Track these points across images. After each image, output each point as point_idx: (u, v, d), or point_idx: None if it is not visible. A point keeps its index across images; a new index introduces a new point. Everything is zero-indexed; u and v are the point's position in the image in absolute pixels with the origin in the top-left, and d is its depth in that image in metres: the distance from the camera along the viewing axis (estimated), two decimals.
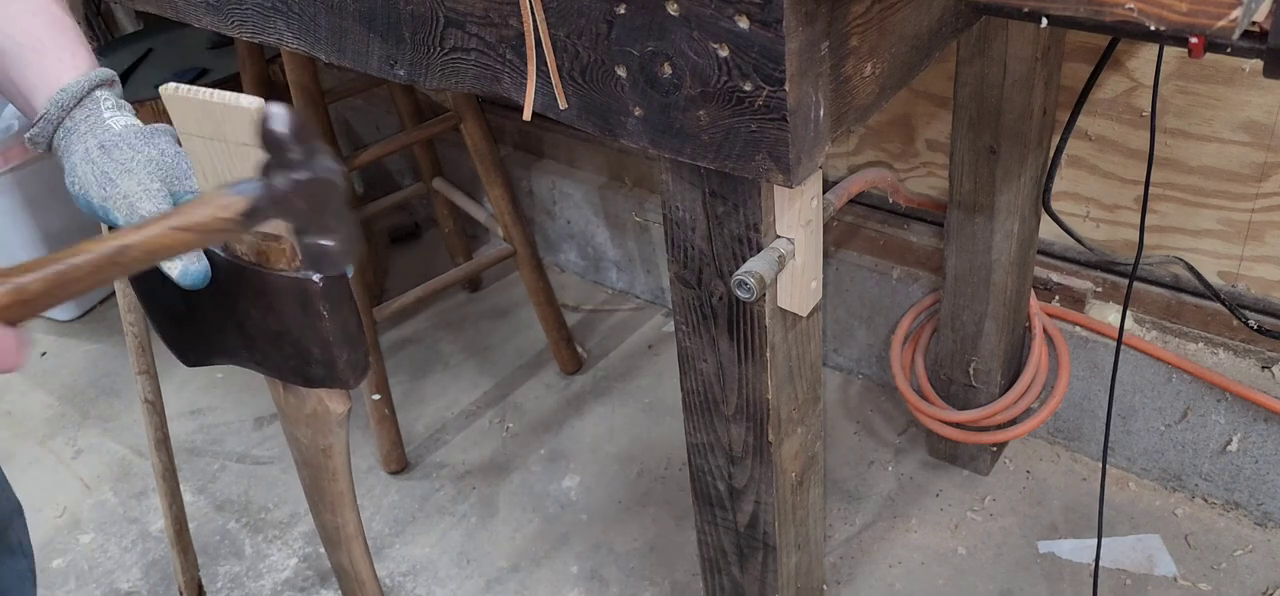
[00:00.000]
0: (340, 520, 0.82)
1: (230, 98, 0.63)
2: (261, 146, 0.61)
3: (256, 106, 0.62)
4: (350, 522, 0.82)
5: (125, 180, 0.72)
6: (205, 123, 0.65)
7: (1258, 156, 1.38)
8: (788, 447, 0.98)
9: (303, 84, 1.57)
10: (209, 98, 0.64)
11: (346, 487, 0.80)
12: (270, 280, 0.70)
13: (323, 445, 0.77)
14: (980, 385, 1.57)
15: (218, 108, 0.64)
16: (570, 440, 1.88)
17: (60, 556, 1.79)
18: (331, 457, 0.78)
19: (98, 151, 0.73)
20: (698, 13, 0.72)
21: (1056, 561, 1.53)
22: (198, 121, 0.65)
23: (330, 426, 0.76)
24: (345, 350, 0.71)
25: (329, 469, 0.79)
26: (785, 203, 0.83)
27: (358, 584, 0.87)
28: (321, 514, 0.82)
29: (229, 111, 0.63)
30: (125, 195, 0.72)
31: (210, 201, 0.61)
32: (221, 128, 0.65)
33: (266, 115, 0.60)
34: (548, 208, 2.28)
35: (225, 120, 0.64)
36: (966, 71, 1.33)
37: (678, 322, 0.95)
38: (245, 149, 0.64)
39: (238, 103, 0.63)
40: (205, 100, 0.64)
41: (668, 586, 1.58)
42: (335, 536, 0.83)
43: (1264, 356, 1.47)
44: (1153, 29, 0.57)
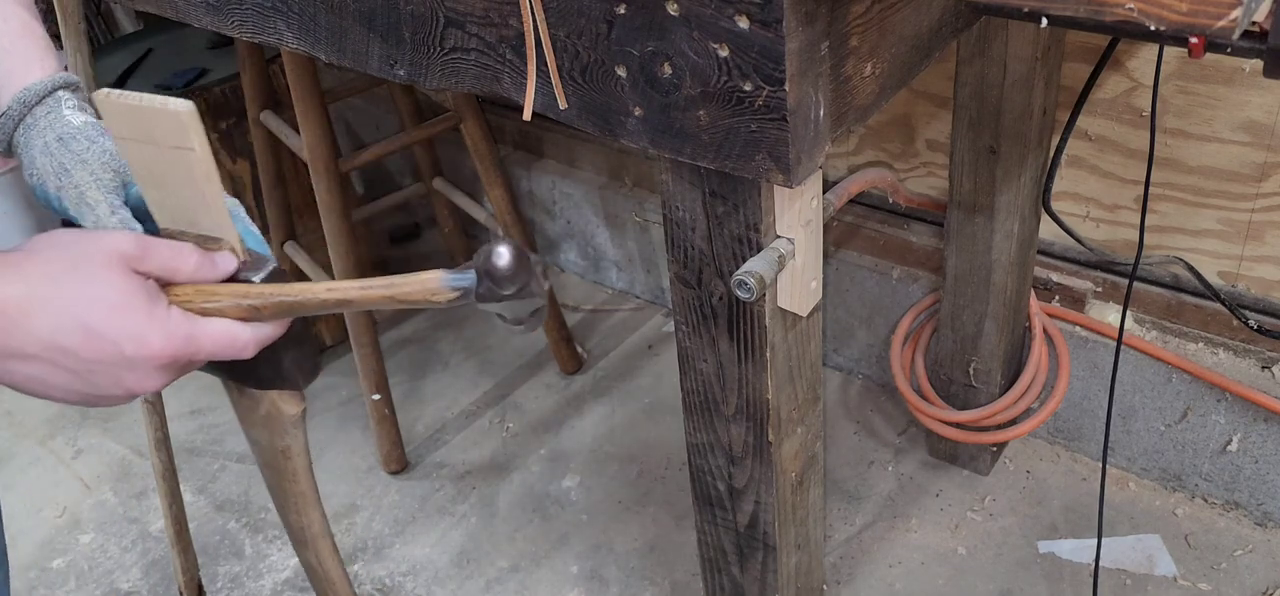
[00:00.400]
0: (305, 520, 0.82)
1: (159, 102, 0.63)
2: (483, 274, 0.65)
3: (186, 109, 0.62)
4: (315, 522, 0.82)
5: (79, 171, 0.74)
6: (136, 127, 0.65)
7: (1258, 156, 1.38)
8: (788, 447, 0.98)
9: (303, 84, 1.57)
10: (138, 102, 0.64)
11: (309, 488, 0.80)
12: None
13: (280, 446, 0.77)
14: (980, 385, 1.57)
15: (147, 112, 0.64)
16: (570, 440, 1.88)
17: (60, 556, 1.79)
18: (290, 459, 0.78)
19: (56, 143, 0.75)
20: (698, 13, 0.72)
21: (1056, 561, 1.53)
22: (130, 126, 0.66)
23: (285, 428, 0.76)
24: (290, 350, 0.71)
25: (289, 470, 0.78)
26: (785, 203, 0.83)
27: (327, 583, 0.86)
28: (287, 514, 0.82)
29: (158, 115, 0.63)
30: (77, 185, 0.74)
31: (425, 282, 0.66)
32: (152, 132, 0.65)
33: (490, 252, 0.65)
34: (548, 208, 2.28)
35: (154, 124, 0.64)
36: (966, 71, 1.33)
37: (678, 322, 0.95)
38: (177, 152, 0.64)
39: (166, 107, 0.63)
40: (134, 105, 0.64)
41: (668, 586, 1.58)
42: (301, 536, 0.83)
43: (1264, 356, 1.47)
44: (1153, 29, 0.57)
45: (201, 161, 0.65)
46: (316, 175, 1.64)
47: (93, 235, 0.63)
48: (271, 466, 0.79)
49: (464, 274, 0.66)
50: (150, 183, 0.68)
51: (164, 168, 0.66)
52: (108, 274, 0.62)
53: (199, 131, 0.64)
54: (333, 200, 1.66)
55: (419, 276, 0.67)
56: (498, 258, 0.64)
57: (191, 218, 0.69)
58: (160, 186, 0.68)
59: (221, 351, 0.66)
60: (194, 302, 0.66)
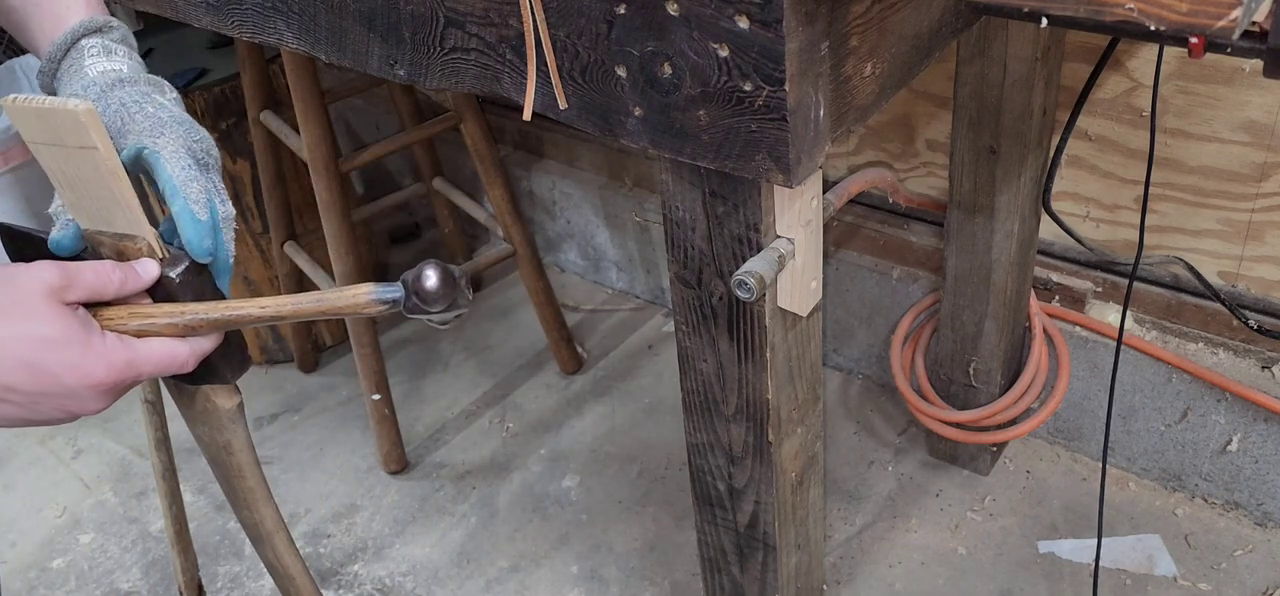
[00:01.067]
0: (257, 516, 0.82)
1: (59, 103, 0.64)
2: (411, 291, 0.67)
3: (84, 108, 0.63)
4: (267, 518, 0.82)
5: None
6: (44, 130, 0.66)
7: (1258, 156, 1.38)
8: (788, 447, 0.98)
9: (303, 84, 1.57)
10: (41, 105, 0.64)
11: (256, 483, 0.80)
12: None
13: (221, 441, 0.77)
14: (980, 385, 1.57)
15: (50, 113, 0.64)
16: (570, 440, 1.88)
17: (60, 556, 1.79)
18: (233, 453, 0.78)
19: None
20: (698, 13, 0.72)
21: (1056, 561, 1.53)
22: (37, 129, 0.66)
23: (222, 422, 0.76)
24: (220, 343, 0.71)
25: (233, 465, 0.78)
26: (785, 203, 0.83)
27: (287, 578, 0.86)
28: (239, 511, 0.83)
29: (60, 116, 0.64)
30: None
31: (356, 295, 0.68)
32: (58, 133, 0.65)
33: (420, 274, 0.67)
34: (548, 208, 2.28)
35: (59, 125, 0.64)
36: (966, 71, 1.33)
37: (678, 323, 0.95)
38: (82, 152, 0.65)
39: (66, 107, 0.63)
40: (38, 108, 0.64)
41: (668, 586, 1.58)
42: (256, 532, 0.83)
43: (1264, 356, 1.47)
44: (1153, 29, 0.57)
45: (106, 159, 0.65)
46: (316, 175, 1.64)
47: (15, 271, 0.64)
48: (217, 463, 0.79)
49: (392, 287, 0.68)
50: (65, 184, 0.69)
51: (74, 168, 0.67)
52: (39, 309, 0.63)
53: (100, 130, 0.64)
54: (333, 200, 1.66)
55: (350, 289, 0.69)
56: (425, 280, 0.67)
57: (107, 217, 0.69)
58: (74, 188, 0.68)
59: (161, 370, 0.68)
60: (129, 325, 0.67)
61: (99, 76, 0.74)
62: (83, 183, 0.67)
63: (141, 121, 0.71)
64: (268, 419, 2.02)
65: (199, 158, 0.71)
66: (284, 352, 2.17)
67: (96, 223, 0.70)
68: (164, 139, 0.70)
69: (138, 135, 0.70)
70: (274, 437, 1.97)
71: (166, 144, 0.70)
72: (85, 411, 0.66)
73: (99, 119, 0.64)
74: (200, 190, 0.69)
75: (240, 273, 2.04)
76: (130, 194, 0.67)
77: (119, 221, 0.68)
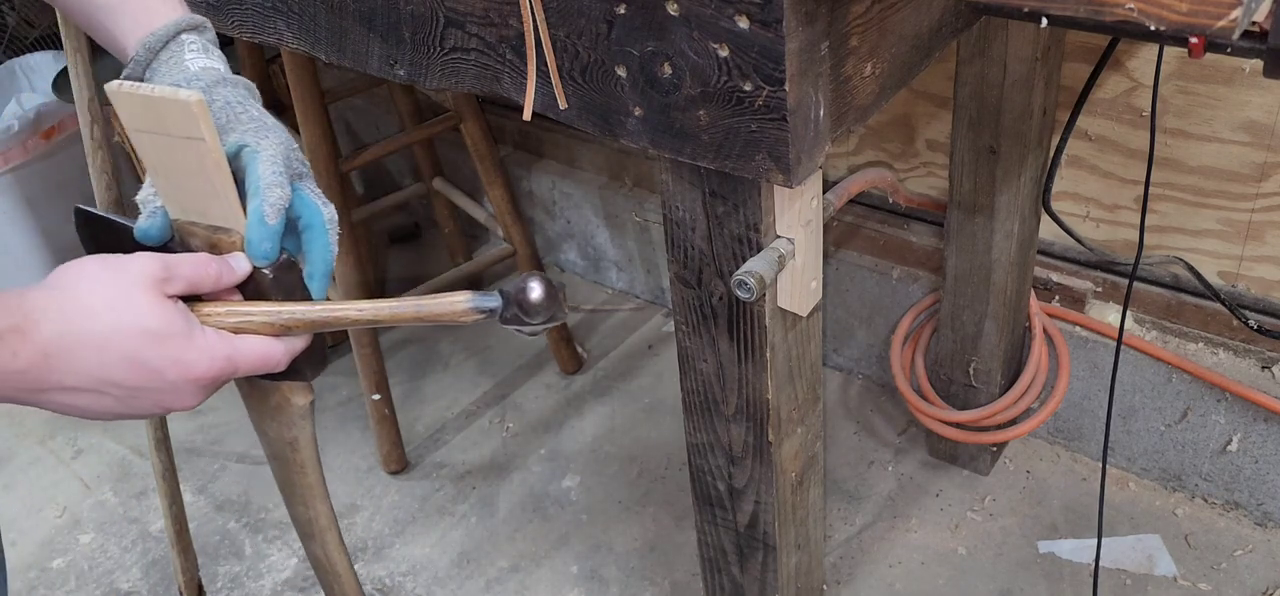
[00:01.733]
0: (312, 513, 0.82)
1: (169, 92, 0.64)
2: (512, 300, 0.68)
3: (195, 100, 0.63)
4: (322, 515, 0.83)
5: None
6: (147, 118, 0.66)
7: (1258, 156, 1.38)
8: (788, 447, 0.98)
9: (303, 84, 1.57)
10: (149, 93, 0.64)
11: (316, 480, 0.81)
12: None
13: (288, 438, 0.77)
14: (980, 385, 1.57)
15: (158, 102, 0.64)
16: (570, 440, 1.88)
17: (60, 556, 1.79)
18: (299, 450, 0.78)
19: None
20: (698, 13, 0.72)
21: (1056, 561, 1.53)
22: (141, 117, 0.66)
23: (294, 419, 0.76)
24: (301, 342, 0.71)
25: (297, 462, 0.79)
26: (785, 203, 0.83)
27: (333, 576, 0.87)
28: (294, 507, 0.83)
29: (169, 105, 0.64)
30: None
31: (453, 303, 0.69)
32: (164, 122, 0.65)
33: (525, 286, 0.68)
34: (548, 208, 2.28)
35: (166, 114, 0.64)
36: (966, 71, 1.33)
37: (678, 323, 0.95)
38: (188, 142, 0.65)
39: (176, 96, 0.63)
40: (145, 95, 0.64)
41: (668, 586, 1.58)
42: (309, 529, 0.84)
43: (1264, 356, 1.47)
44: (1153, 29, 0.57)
45: (212, 151, 0.65)
46: (316, 175, 1.64)
47: (118, 262, 0.64)
48: (279, 458, 0.80)
49: (490, 297, 0.69)
50: (160, 172, 0.69)
51: (174, 158, 0.67)
52: (142, 302, 0.63)
53: (208, 121, 0.64)
54: (332, 200, 1.65)
55: (448, 297, 0.69)
56: (530, 291, 0.67)
57: (202, 208, 0.69)
58: (170, 177, 0.68)
59: (257, 367, 0.68)
60: (226, 322, 0.67)
61: (201, 73, 0.75)
62: (181, 172, 0.67)
63: (246, 121, 0.72)
64: None
65: (292, 166, 0.72)
66: None
67: (189, 213, 0.70)
68: (266, 141, 0.71)
69: (241, 133, 0.71)
70: None
71: (267, 146, 0.70)
72: (180, 406, 0.66)
73: (209, 111, 0.64)
74: (280, 197, 0.69)
75: None
76: (231, 187, 0.67)
77: (215, 213, 0.69)
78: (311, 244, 0.72)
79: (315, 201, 0.72)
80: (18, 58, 2.41)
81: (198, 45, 0.76)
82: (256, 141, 0.70)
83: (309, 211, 0.72)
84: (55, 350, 0.60)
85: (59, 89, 1.95)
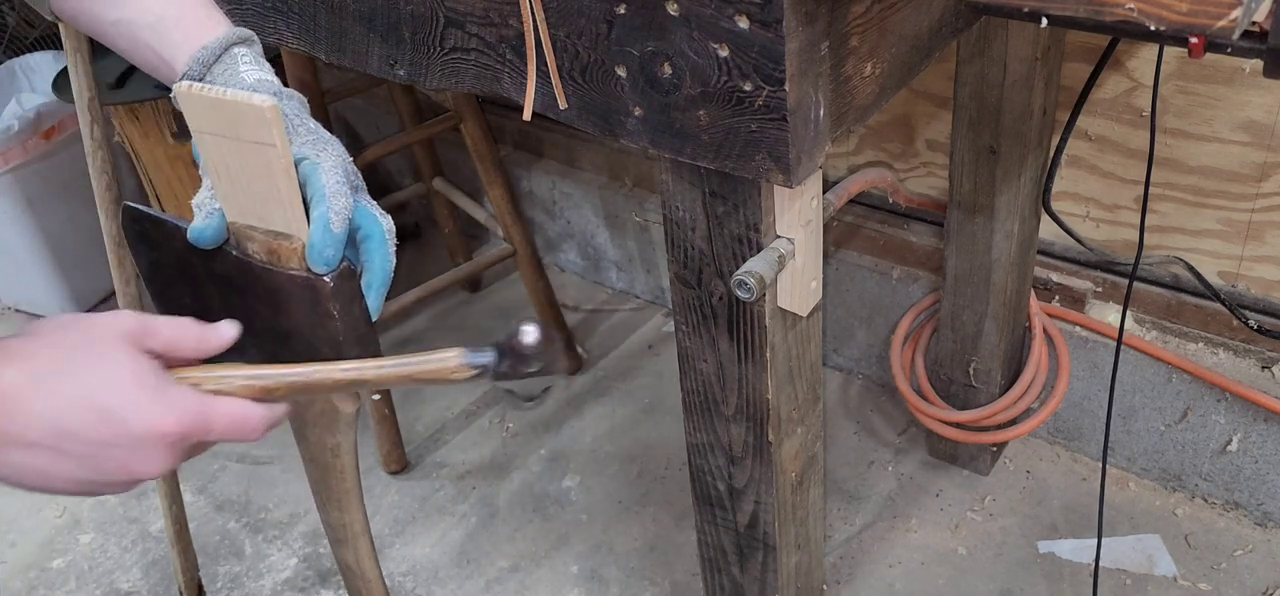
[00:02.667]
0: (347, 518, 0.83)
1: (242, 96, 0.63)
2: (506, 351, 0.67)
3: (268, 105, 0.63)
4: (357, 520, 0.83)
5: None
6: (217, 120, 0.66)
7: (1258, 156, 1.38)
8: (788, 447, 0.98)
9: (303, 84, 1.57)
10: (221, 95, 0.64)
11: (354, 485, 0.81)
12: (280, 279, 0.70)
13: (331, 443, 0.78)
14: (980, 385, 1.57)
15: (229, 105, 0.64)
16: (570, 440, 1.88)
17: (60, 556, 1.79)
18: (340, 456, 0.79)
19: None
20: (698, 13, 0.72)
21: (1056, 561, 1.53)
22: (210, 119, 0.66)
23: (338, 426, 0.77)
24: (355, 350, 0.71)
25: (337, 467, 0.79)
26: (785, 203, 0.83)
27: (363, 581, 0.87)
28: (329, 511, 0.83)
29: (242, 109, 0.63)
30: None
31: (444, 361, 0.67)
32: (234, 126, 0.65)
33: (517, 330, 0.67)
34: (548, 208, 2.28)
35: (237, 118, 0.64)
36: (966, 71, 1.33)
37: (678, 323, 0.95)
38: (256, 147, 0.65)
39: (250, 101, 0.63)
40: (216, 97, 0.64)
41: (668, 586, 1.58)
42: (342, 533, 0.84)
43: (1264, 356, 1.47)
44: (1153, 29, 0.57)
45: (281, 157, 0.65)
46: None
47: (94, 317, 0.62)
48: (317, 462, 0.80)
49: (483, 352, 0.67)
50: (223, 175, 0.69)
51: (241, 161, 0.67)
52: (114, 352, 0.60)
53: (281, 128, 0.64)
54: None
55: (438, 355, 0.68)
56: (525, 334, 0.66)
57: (263, 213, 0.69)
58: (234, 180, 0.68)
59: (232, 433, 0.65)
60: (203, 385, 0.65)
61: (257, 84, 0.74)
62: (245, 176, 0.67)
63: (304, 133, 0.72)
64: None
65: (350, 179, 0.72)
66: None
67: (249, 217, 0.70)
68: (326, 153, 0.71)
69: (299, 144, 0.71)
70: (274, 437, 1.96)
71: (327, 158, 0.70)
72: (149, 471, 0.61)
73: (282, 117, 0.64)
74: (345, 206, 0.69)
75: None
76: (296, 194, 0.67)
77: (277, 219, 0.69)
78: (372, 254, 0.72)
79: (374, 213, 0.72)
80: (18, 58, 2.41)
81: (250, 57, 0.76)
82: (315, 153, 0.71)
83: (368, 223, 0.72)
84: (12, 394, 0.57)
85: (59, 89, 1.95)
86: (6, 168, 2.19)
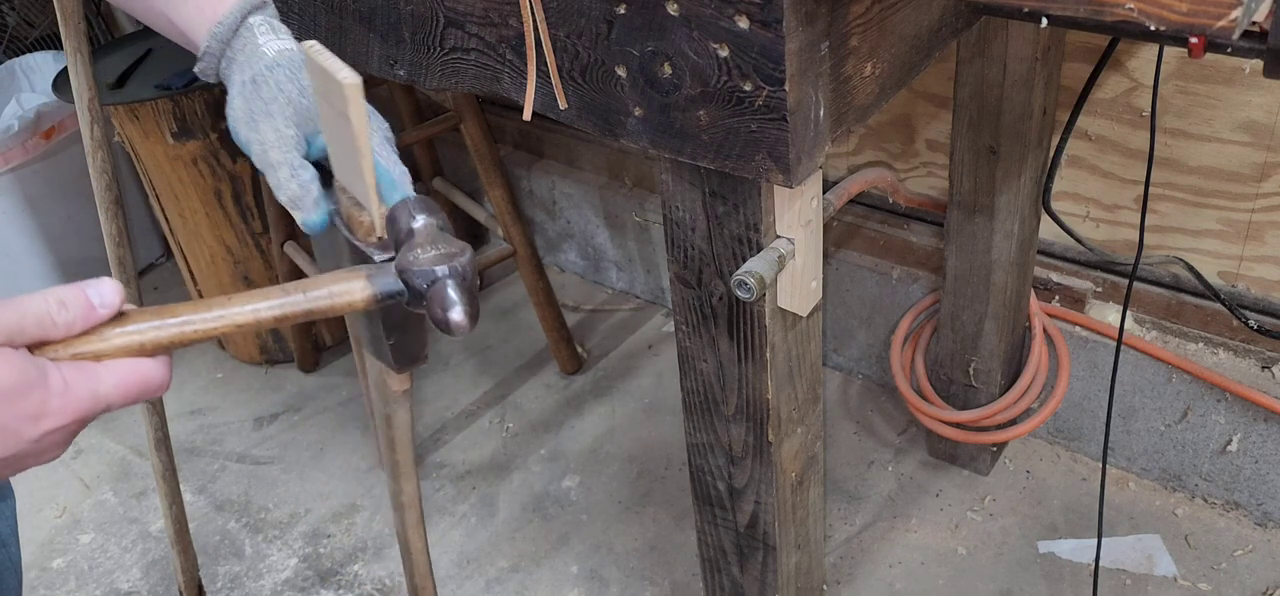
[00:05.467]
0: (398, 486, 0.86)
1: (333, 66, 0.64)
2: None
3: (350, 82, 0.63)
4: (405, 492, 0.86)
5: (265, 125, 0.74)
6: (319, 83, 0.67)
7: (1258, 156, 1.38)
8: (788, 447, 0.98)
9: None
10: (320, 60, 0.64)
11: (405, 459, 0.83)
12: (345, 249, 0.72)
13: (384, 413, 0.80)
14: (980, 385, 1.57)
15: (324, 73, 0.64)
16: (570, 440, 1.88)
17: (60, 556, 1.79)
18: (392, 427, 0.81)
19: (249, 86, 0.75)
20: (698, 13, 0.72)
21: (1056, 561, 1.53)
22: (317, 80, 0.67)
23: (389, 399, 0.79)
24: (393, 336, 0.71)
25: (388, 437, 0.82)
26: (785, 203, 0.83)
27: (406, 551, 0.91)
28: (389, 476, 0.87)
29: (329, 79, 0.64)
30: (261, 141, 0.74)
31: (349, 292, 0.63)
32: (328, 92, 0.65)
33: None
34: (548, 208, 2.28)
35: (329, 87, 0.65)
36: (966, 71, 1.33)
37: (678, 323, 0.95)
38: (341, 117, 0.65)
39: (337, 74, 0.63)
40: (318, 62, 0.65)
41: (668, 586, 1.58)
42: (395, 500, 0.88)
43: (1264, 356, 1.47)
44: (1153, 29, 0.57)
45: (357, 135, 0.65)
46: None
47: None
48: (380, 425, 0.82)
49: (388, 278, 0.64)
50: (329, 135, 0.70)
51: (334, 127, 0.68)
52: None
53: (358, 105, 0.64)
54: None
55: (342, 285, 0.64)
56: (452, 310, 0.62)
57: (350, 179, 0.70)
58: (332, 142, 0.70)
59: (132, 394, 0.60)
60: (84, 351, 0.60)
61: (279, 56, 0.74)
62: (337, 141, 0.69)
63: None
64: (268, 419, 2.02)
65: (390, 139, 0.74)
66: (284, 352, 2.17)
67: (344, 178, 0.71)
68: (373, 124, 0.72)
69: None
70: (274, 437, 1.97)
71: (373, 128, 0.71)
72: (49, 457, 0.59)
73: (361, 94, 0.64)
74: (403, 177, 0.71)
75: (240, 273, 2.04)
76: (370, 170, 0.67)
77: (356, 189, 0.69)
78: None
79: None
80: (18, 58, 2.41)
81: (266, 27, 0.76)
82: None
83: None
84: None
85: (59, 89, 1.95)
86: (6, 168, 2.19)
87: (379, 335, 0.71)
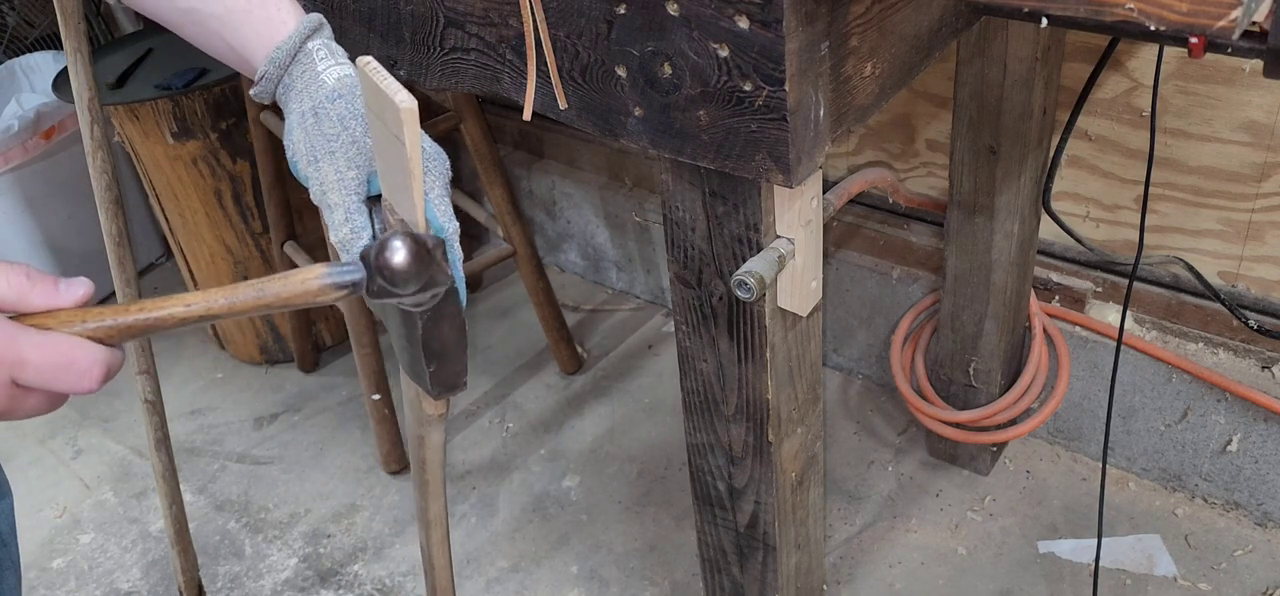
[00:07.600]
0: (426, 504, 0.87)
1: (390, 87, 0.62)
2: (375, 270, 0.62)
3: (405, 106, 0.60)
4: (431, 510, 0.86)
5: (326, 165, 0.72)
6: (373, 100, 0.65)
7: (1258, 156, 1.38)
8: (788, 447, 0.98)
9: None
10: (376, 80, 0.63)
11: (434, 479, 0.84)
12: None
13: (418, 432, 0.81)
14: (980, 385, 1.57)
15: (380, 93, 0.62)
16: (570, 440, 1.88)
17: (60, 556, 1.79)
18: (424, 447, 0.81)
19: (310, 118, 0.73)
20: (698, 13, 0.72)
21: (1056, 561, 1.53)
22: (370, 97, 0.65)
23: (423, 419, 0.79)
24: (433, 363, 0.71)
25: (419, 456, 0.82)
26: (785, 203, 0.83)
27: (431, 568, 0.92)
28: (417, 493, 0.87)
29: (385, 100, 0.62)
30: (321, 181, 0.72)
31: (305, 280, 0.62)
32: (382, 111, 0.64)
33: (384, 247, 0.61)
34: (548, 208, 2.28)
35: (384, 107, 0.63)
36: (966, 71, 1.33)
37: (678, 323, 0.95)
38: (394, 140, 0.64)
39: (393, 96, 0.61)
40: (373, 82, 0.63)
41: (668, 586, 1.58)
42: (421, 516, 0.88)
43: (1264, 356, 1.47)
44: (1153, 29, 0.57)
45: (410, 159, 0.63)
46: None
47: None
48: (413, 443, 0.82)
49: (350, 268, 0.63)
50: (379, 153, 0.69)
51: (385, 147, 0.66)
52: None
53: (413, 130, 0.62)
54: None
55: (298, 274, 0.62)
56: (392, 253, 0.60)
57: (398, 199, 0.69)
58: (383, 160, 0.69)
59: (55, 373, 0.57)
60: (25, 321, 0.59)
61: (339, 85, 0.73)
62: (388, 161, 0.67)
63: None
64: (268, 419, 2.02)
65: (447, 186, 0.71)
66: (284, 352, 2.17)
67: (392, 198, 0.70)
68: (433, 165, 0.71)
69: None
70: (274, 437, 1.97)
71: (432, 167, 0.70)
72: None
73: (416, 119, 0.62)
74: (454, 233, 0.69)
75: (240, 273, 2.04)
76: (419, 194, 0.65)
77: (405, 210, 0.68)
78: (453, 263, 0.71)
79: None
80: (18, 58, 2.41)
81: (325, 51, 0.75)
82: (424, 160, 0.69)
83: None
84: None
85: (59, 89, 1.96)
86: (6, 168, 2.19)
87: (418, 359, 0.70)
